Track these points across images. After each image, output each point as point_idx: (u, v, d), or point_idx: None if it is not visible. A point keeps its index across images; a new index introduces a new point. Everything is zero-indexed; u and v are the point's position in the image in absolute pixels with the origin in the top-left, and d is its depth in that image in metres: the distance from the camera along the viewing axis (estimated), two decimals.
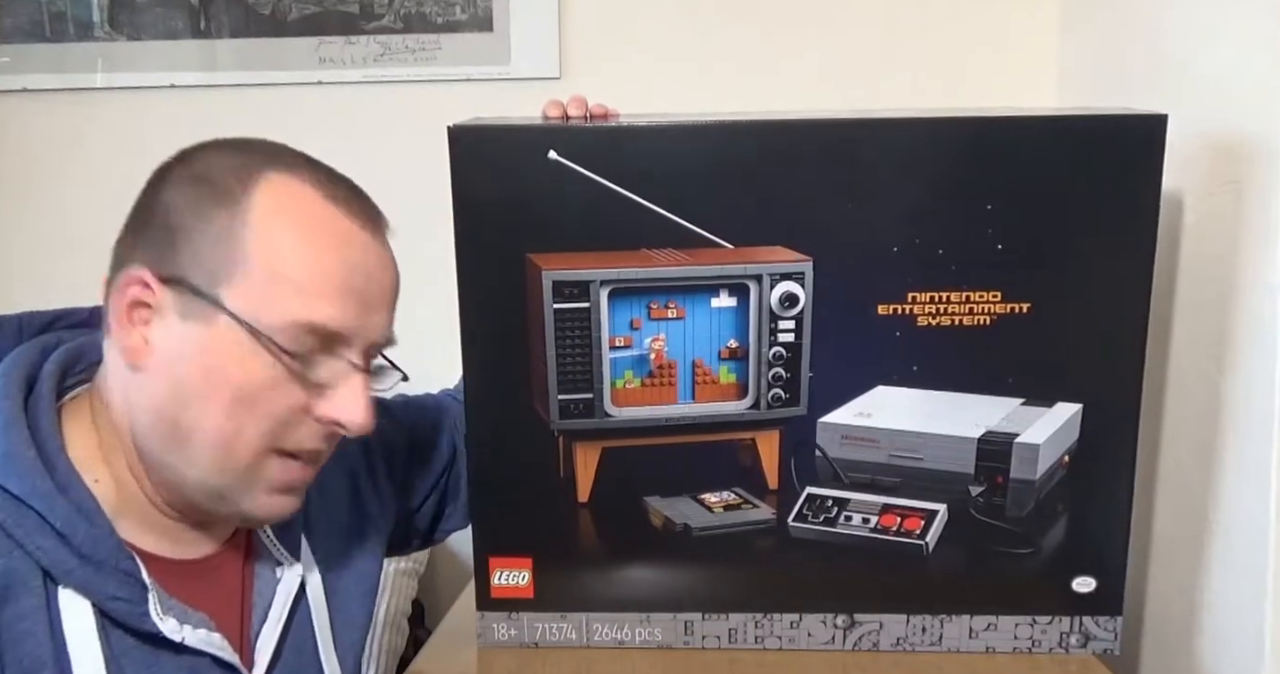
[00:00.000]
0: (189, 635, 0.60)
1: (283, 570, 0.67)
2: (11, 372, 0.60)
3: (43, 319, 0.67)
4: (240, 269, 0.58)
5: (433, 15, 1.18)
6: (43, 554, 0.56)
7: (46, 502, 0.56)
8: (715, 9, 1.18)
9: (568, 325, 0.75)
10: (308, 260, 0.59)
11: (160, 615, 0.59)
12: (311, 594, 0.69)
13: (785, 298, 0.75)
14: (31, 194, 1.24)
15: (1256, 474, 0.75)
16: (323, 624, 0.69)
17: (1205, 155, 0.82)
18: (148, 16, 1.20)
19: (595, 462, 0.78)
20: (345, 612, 0.71)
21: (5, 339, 0.65)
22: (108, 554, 0.57)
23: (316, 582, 0.69)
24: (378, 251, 0.62)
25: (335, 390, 0.60)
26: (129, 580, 0.58)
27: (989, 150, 0.73)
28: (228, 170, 0.59)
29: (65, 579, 0.57)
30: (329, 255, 0.59)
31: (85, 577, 0.57)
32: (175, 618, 0.59)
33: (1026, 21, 1.17)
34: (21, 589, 0.56)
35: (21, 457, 0.57)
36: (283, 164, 0.60)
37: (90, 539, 0.57)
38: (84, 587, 0.57)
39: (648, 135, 0.74)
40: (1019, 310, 0.74)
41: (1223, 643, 0.80)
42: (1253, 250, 0.76)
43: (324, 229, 0.60)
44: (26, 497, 0.56)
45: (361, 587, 0.73)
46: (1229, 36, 0.80)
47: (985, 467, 0.77)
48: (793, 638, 0.80)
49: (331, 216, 0.60)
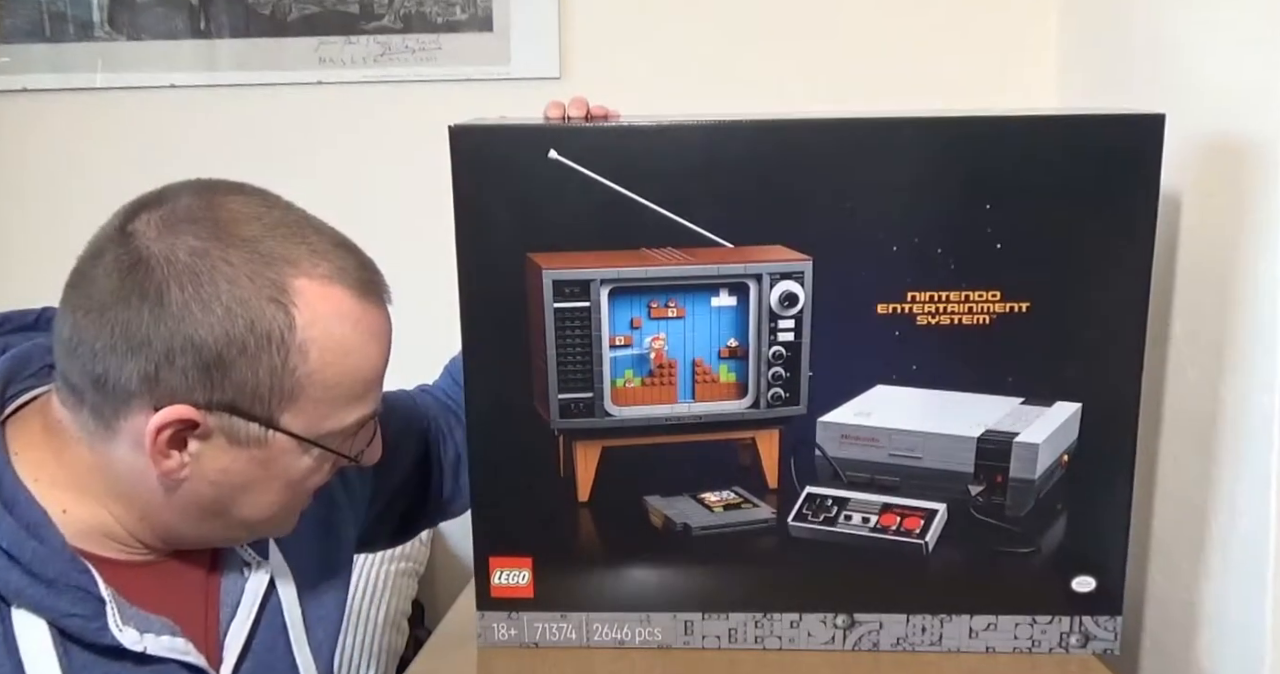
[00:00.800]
0: (151, 644, 0.59)
1: (250, 570, 0.67)
2: None
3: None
4: (300, 393, 0.58)
5: (433, 15, 1.18)
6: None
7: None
8: (715, 9, 1.18)
9: (568, 324, 0.75)
10: (360, 370, 0.60)
11: (120, 627, 0.58)
12: (282, 592, 0.68)
13: (785, 297, 0.75)
14: (31, 194, 1.24)
15: (1256, 473, 0.75)
16: (294, 620, 0.69)
17: (1205, 155, 0.82)
18: (148, 16, 1.20)
19: (595, 461, 0.78)
20: (318, 607, 0.71)
21: None
22: (59, 571, 0.56)
23: (287, 579, 0.69)
24: (389, 321, 0.63)
25: (358, 439, 0.64)
26: (84, 596, 0.57)
27: (988, 150, 0.73)
28: (254, 289, 0.56)
29: (16, 600, 0.55)
30: (375, 356, 0.61)
31: (37, 596, 0.56)
32: (136, 627, 0.58)
33: (1026, 21, 1.17)
34: None
35: None
36: (304, 266, 0.57)
37: (39, 557, 0.56)
38: (36, 605, 0.56)
39: (648, 135, 0.74)
40: (1018, 310, 0.74)
41: (1223, 643, 0.80)
42: (1252, 249, 0.76)
43: (365, 332, 0.60)
44: None
45: (333, 584, 0.73)
46: (1228, 37, 0.81)
47: (984, 466, 0.77)
48: (793, 638, 0.80)
49: (369, 316, 0.60)
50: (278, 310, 0.56)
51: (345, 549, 0.76)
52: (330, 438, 0.61)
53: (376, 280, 0.62)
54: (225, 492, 0.60)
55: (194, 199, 0.58)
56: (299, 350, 0.57)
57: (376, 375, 0.62)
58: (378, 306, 0.61)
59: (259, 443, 0.58)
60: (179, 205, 0.57)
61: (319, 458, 0.61)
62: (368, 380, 0.61)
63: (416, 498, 0.84)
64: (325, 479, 0.64)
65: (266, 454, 0.59)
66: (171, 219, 0.57)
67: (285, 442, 0.59)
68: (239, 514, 0.61)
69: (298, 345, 0.57)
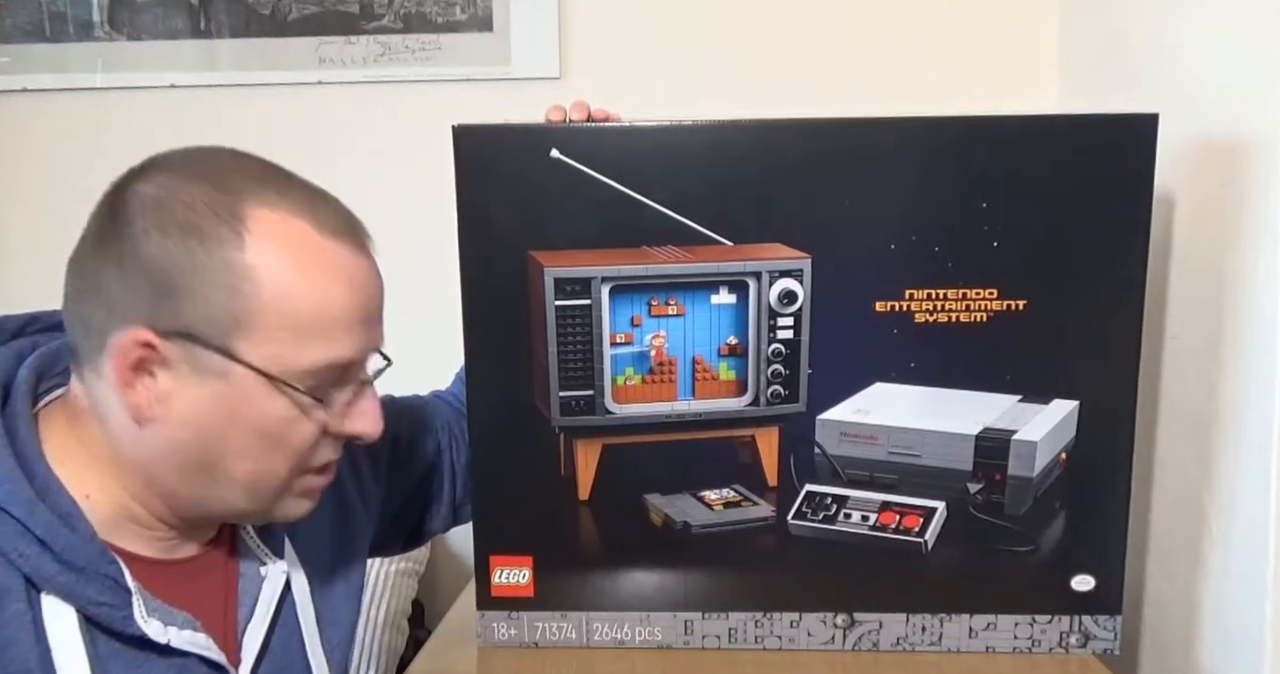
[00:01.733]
0: (174, 637, 0.60)
1: (267, 569, 0.67)
2: None
3: (15, 323, 0.66)
4: (253, 321, 0.57)
5: (433, 15, 1.19)
6: (24, 562, 0.56)
7: (26, 509, 0.56)
8: (715, 9, 1.19)
9: (569, 322, 0.75)
10: (321, 304, 0.58)
11: (145, 618, 0.58)
12: (297, 592, 0.69)
13: (784, 295, 0.75)
14: (31, 194, 1.24)
15: (1256, 472, 0.75)
16: (309, 621, 0.69)
17: (1203, 155, 0.82)
18: (148, 16, 1.20)
19: (596, 459, 0.78)
20: (331, 609, 0.71)
21: None
22: (89, 560, 0.57)
23: (301, 579, 0.69)
24: (370, 268, 0.62)
25: (351, 407, 0.62)
26: (112, 585, 0.58)
27: (984, 150, 0.74)
28: (210, 213, 0.57)
29: (47, 586, 0.56)
30: (339, 293, 0.59)
31: (67, 583, 0.56)
32: (160, 620, 0.59)
33: (1026, 21, 1.17)
34: (4, 597, 0.55)
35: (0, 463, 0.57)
36: (266, 198, 0.58)
37: (71, 546, 0.57)
38: (67, 593, 0.57)
39: (648, 135, 0.74)
40: (1015, 308, 0.75)
41: (1223, 643, 0.80)
42: (1247, 248, 0.76)
43: (327, 266, 0.59)
44: (6, 504, 0.56)
45: (347, 585, 0.73)
46: (1227, 37, 0.81)
47: (983, 463, 0.77)
48: (793, 637, 0.80)
49: (331, 250, 0.59)
50: (230, 233, 0.56)
51: (359, 553, 0.76)
52: (297, 378, 0.58)
53: (351, 223, 0.61)
54: (199, 437, 0.59)
55: (178, 152, 0.61)
56: (247, 273, 0.57)
57: (346, 317, 0.59)
58: (348, 246, 0.60)
59: (220, 375, 0.57)
60: (162, 158, 0.60)
61: (294, 406, 0.59)
62: (333, 319, 0.59)
63: (430, 502, 0.84)
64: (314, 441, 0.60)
65: (230, 390, 0.58)
66: (150, 168, 0.59)
67: (246, 376, 0.57)
68: (228, 471, 0.59)
69: (246, 267, 0.56)
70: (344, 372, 0.60)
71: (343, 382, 0.61)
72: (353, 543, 0.75)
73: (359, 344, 0.60)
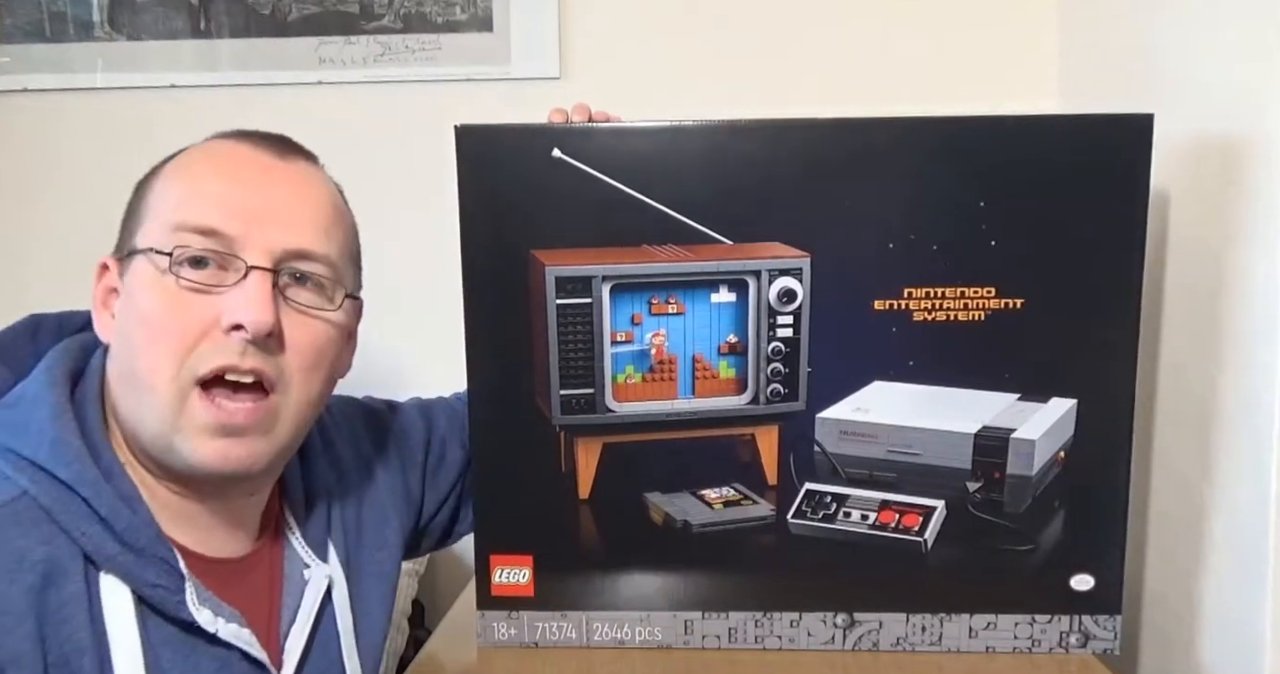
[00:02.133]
0: (222, 628, 0.61)
1: (310, 572, 0.68)
2: (56, 365, 0.62)
3: (83, 318, 0.68)
4: (143, 218, 0.61)
5: (433, 15, 1.19)
6: (87, 540, 0.57)
7: (93, 488, 0.57)
8: (715, 9, 1.19)
9: (570, 320, 0.76)
10: (190, 181, 0.62)
11: (196, 605, 0.59)
12: (336, 596, 0.69)
13: (783, 293, 0.75)
14: (31, 194, 1.24)
15: (1256, 472, 0.75)
16: (346, 626, 0.69)
17: (1201, 155, 0.82)
18: (148, 16, 1.20)
19: (596, 457, 0.78)
20: (368, 614, 0.72)
21: (45, 337, 0.67)
22: (148, 542, 0.58)
23: (341, 584, 0.70)
24: (281, 170, 0.63)
25: (229, 293, 0.59)
26: (168, 569, 0.59)
27: (982, 150, 0.74)
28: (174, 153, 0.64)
29: (107, 565, 0.57)
30: (214, 169, 0.62)
31: (127, 563, 0.57)
32: (210, 610, 0.60)
33: (1026, 22, 1.17)
34: (64, 576, 0.56)
35: (70, 444, 0.58)
36: (219, 134, 0.64)
37: (132, 526, 0.58)
38: (125, 573, 0.58)
39: (649, 135, 0.75)
40: (1013, 306, 0.75)
41: (1223, 643, 0.80)
42: (1248, 248, 0.77)
43: (217, 156, 0.63)
44: (74, 483, 0.57)
45: (382, 589, 0.74)
46: (1226, 37, 0.81)
47: (982, 462, 0.77)
48: (793, 637, 0.80)
49: (228, 147, 0.63)
50: (168, 161, 0.64)
51: (395, 557, 0.76)
52: (158, 242, 0.60)
53: (276, 140, 0.65)
54: (122, 341, 0.61)
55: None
56: (156, 177, 0.62)
57: (215, 191, 0.60)
58: (248, 146, 0.63)
59: (128, 270, 0.61)
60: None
61: (164, 283, 0.59)
62: (198, 192, 0.61)
63: (463, 504, 0.84)
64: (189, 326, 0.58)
65: (130, 281, 0.61)
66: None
67: (137, 261, 0.61)
68: (134, 378, 0.59)
69: (158, 177, 0.62)
70: (213, 243, 0.59)
71: (219, 263, 0.59)
72: (389, 547, 0.76)
73: (228, 218, 0.60)
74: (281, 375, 0.61)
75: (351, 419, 0.79)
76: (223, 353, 0.59)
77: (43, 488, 0.57)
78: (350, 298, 0.66)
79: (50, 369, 0.61)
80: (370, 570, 0.73)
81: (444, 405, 0.87)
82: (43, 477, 0.57)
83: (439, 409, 0.86)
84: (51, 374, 0.61)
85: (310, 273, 0.62)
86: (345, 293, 0.65)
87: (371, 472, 0.77)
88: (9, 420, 0.60)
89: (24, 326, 0.67)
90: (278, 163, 0.63)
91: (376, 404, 0.85)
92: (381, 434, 0.81)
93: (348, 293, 0.65)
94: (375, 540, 0.75)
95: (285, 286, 0.61)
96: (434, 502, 0.83)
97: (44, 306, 0.71)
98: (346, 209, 0.68)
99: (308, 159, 0.66)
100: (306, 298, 0.62)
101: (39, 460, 0.58)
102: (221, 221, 0.59)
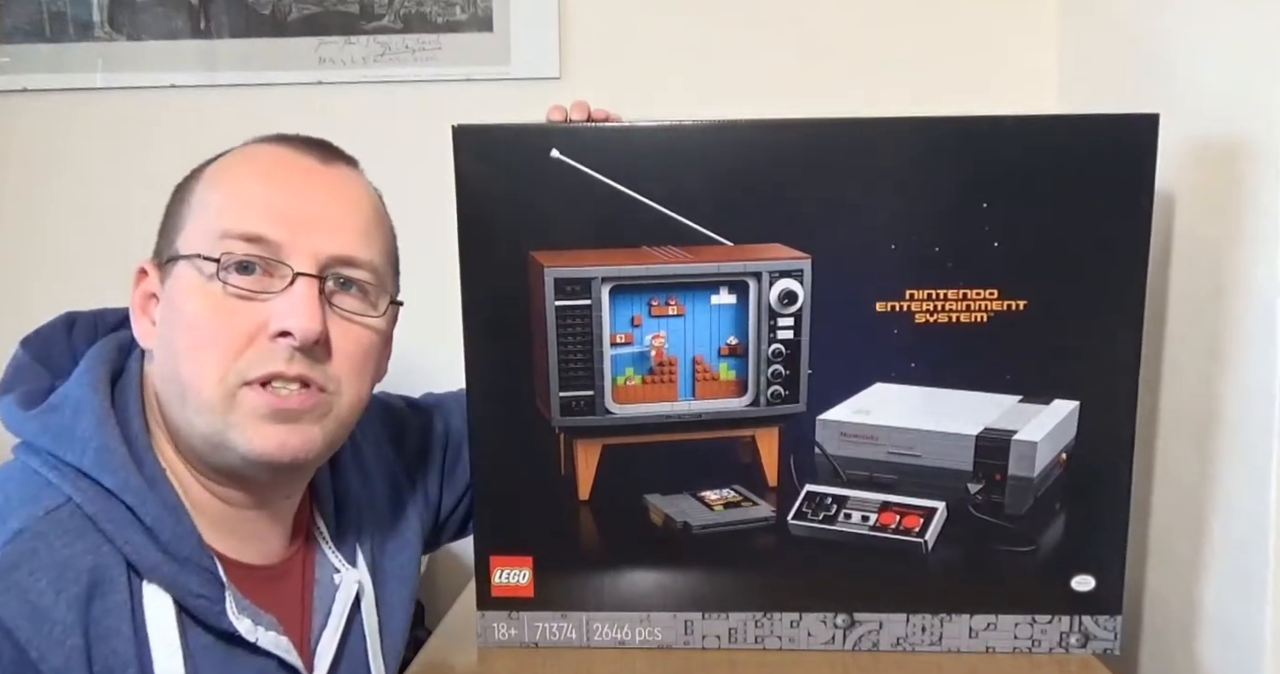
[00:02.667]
0: (262, 637, 0.60)
1: (340, 577, 0.68)
2: (97, 367, 0.61)
3: (116, 316, 0.68)
4: (186, 221, 0.61)
5: (433, 15, 1.19)
6: (131, 549, 0.56)
7: (138, 497, 0.57)
8: (715, 9, 1.19)
9: (569, 322, 0.75)
10: (233, 183, 0.61)
11: (237, 615, 0.59)
12: (364, 600, 0.70)
13: (784, 295, 0.75)
14: (32, 194, 1.24)
15: (1256, 472, 0.75)
16: (372, 630, 0.70)
17: (1203, 155, 0.82)
18: (148, 16, 1.20)
19: (596, 459, 0.78)
20: (392, 617, 0.72)
21: (81, 336, 0.66)
22: (191, 551, 0.58)
23: (369, 587, 0.70)
24: (323, 175, 0.63)
25: (277, 301, 0.60)
26: (210, 578, 0.59)
27: (985, 150, 0.73)
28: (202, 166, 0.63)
29: (151, 574, 0.57)
30: (257, 174, 0.61)
31: (170, 572, 0.57)
32: (250, 619, 0.60)
33: (1026, 21, 1.17)
34: (109, 586, 0.56)
35: (115, 452, 0.57)
36: (259, 139, 0.63)
37: (176, 536, 0.58)
38: (168, 582, 0.57)
39: (649, 135, 0.74)
40: (1015, 308, 0.75)
41: (1223, 643, 0.80)
42: (1250, 248, 0.76)
43: (259, 160, 0.62)
44: (119, 491, 0.57)
45: (404, 592, 0.74)
46: (1227, 37, 0.81)
47: (983, 463, 0.77)
48: (793, 637, 0.80)
49: (270, 151, 0.62)
50: (206, 165, 0.63)
51: (415, 558, 0.77)
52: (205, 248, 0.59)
53: (316, 144, 0.64)
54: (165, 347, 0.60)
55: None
56: (196, 181, 0.62)
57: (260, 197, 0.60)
58: (291, 151, 0.62)
59: (171, 275, 0.61)
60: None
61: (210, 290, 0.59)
62: (244, 196, 0.60)
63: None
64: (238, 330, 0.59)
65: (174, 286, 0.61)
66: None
67: (180, 267, 0.60)
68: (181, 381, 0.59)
69: (198, 181, 0.62)
70: (260, 250, 0.59)
71: (266, 269, 0.59)
72: (410, 548, 0.76)
73: (274, 225, 0.59)
74: (327, 381, 0.61)
75: (372, 419, 0.79)
76: (270, 360, 0.59)
77: (87, 496, 0.56)
78: (392, 303, 0.66)
79: (92, 370, 0.61)
80: (394, 573, 0.74)
81: (458, 401, 0.86)
82: (87, 484, 0.57)
83: (454, 405, 0.85)
84: (94, 376, 0.60)
85: (355, 279, 0.63)
86: (389, 298, 0.65)
87: (393, 473, 0.77)
88: (52, 425, 0.58)
89: (59, 324, 0.66)
90: (320, 167, 0.62)
91: (394, 401, 0.85)
92: (401, 433, 0.81)
93: (390, 298, 0.65)
94: (398, 542, 0.75)
95: (331, 293, 0.62)
96: (452, 498, 0.83)
97: (45, 307, 0.71)
98: (386, 214, 0.68)
99: (349, 163, 0.66)
100: (351, 304, 0.63)
101: (84, 467, 0.57)
102: (267, 228, 0.59)
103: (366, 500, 0.73)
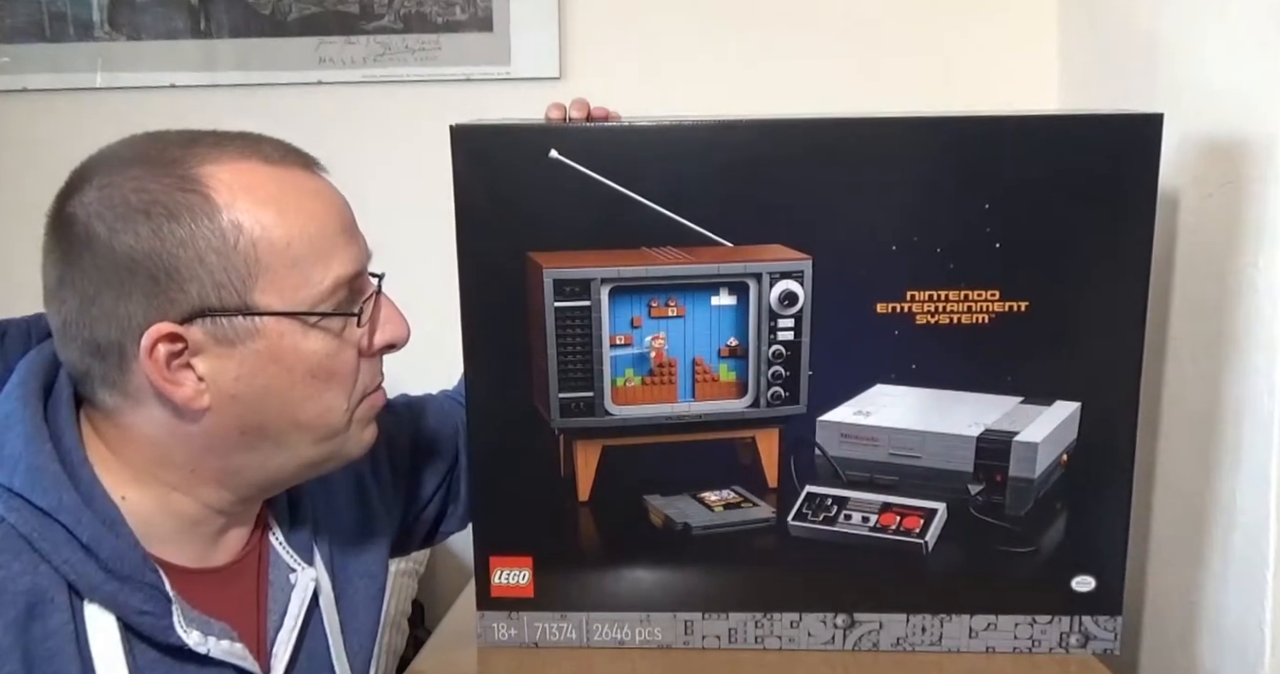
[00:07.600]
0: (213, 647, 0.59)
1: (296, 575, 0.67)
2: (29, 380, 0.59)
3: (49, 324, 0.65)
4: (257, 271, 0.56)
5: (433, 15, 1.19)
6: (69, 569, 0.55)
7: (73, 515, 0.55)
8: (715, 9, 1.19)
9: (568, 323, 0.75)
10: (305, 228, 0.58)
11: (184, 628, 0.58)
12: (323, 598, 0.68)
13: (784, 296, 0.75)
14: (32, 194, 1.24)
15: (1256, 472, 0.75)
16: (334, 628, 0.69)
17: (1204, 155, 0.82)
18: (148, 16, 1.20)
19: (595, 460, 0.78)
20: (355, 616, 0.71)
21: (14, 344, 0.64)
22: (133, 568, 0.56)
23: (327, 586, 0.69)
24: (328, 184, 0.62)
25: (374, 320, 0.62)
26: (154, 594, 0.57)
27: (986, 150, 0.73)
28: (165, 189, 0.56)
29: (92, 594, 0.56)
30: (314, 210, 0.59)
31: (112, 591, 0.56)
32: (199, 630, 0.59)
33: (1026, 21, 1.17)
34: (49, 606, 0.55)
35: (47, 469, 0.56)
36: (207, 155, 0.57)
37: (116, 553, 0.56)
38: (110, 601, 0.56)
39: (648, 135, 0.74)
40: (1017, 309, 0.75)
41: (1223, 643, 0.80)
42: (1250, 248, 0.76)
43: (293, 191, 0.59)
44: (54, 511, 0.55)
45: (370, 589, 0.73)
46: (1227, 36, 0.81)
47: (984, 465, 0.77)
48: (793, 638, 0.80)
49: (289, 176, 0.59)
50: (198, 199, 0.55)
51: (382, 558, 0.76)
52: (319, 305, 0.58)
53: (292, 149, 0.61)
54: (255, 403, 0.58)
55: (90, 158, 0.60)
56: (233, 227, 0.56)
57: (330, 232, 0.59)
58: (300, 168, 0.60)
59: (251, 334, 0.57)
60: (78, 170, 0.59)
61: (327, 333, 0.59)
62: (325, 237, 0.59)
63: (449, 502, 0.84)
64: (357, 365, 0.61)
65: (267, 344, 0.57)
66: (76, 180, 0.59)
67: (275, 324, 0.57)
68: (293, 424, 0.59)
69: (229, 223, 0.56)
70: (352, 285, 0.60)
71: (357, 297, 0.61)
72: (375, 547, 0.75)
73: (353, 254, 0.60)
74: None
75: None
76: (378, 369, 0.63)
77: (21, 515, 0.55)
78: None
79: (23, 384, 0.59)
80: (357, 570, 0.72)
81: (434, 403, 0.86)
82: (20, 503, 0.55)
83: (428, 407, 0.85)
84: (25, 389, 0.58)
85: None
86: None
87: (355, 471, 0.76)
88: None
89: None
90: (320, 176, 0.62)
91: None
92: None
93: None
94: (361, 540, 0.74)
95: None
96: (420, 500, 0.82)
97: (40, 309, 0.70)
98: None
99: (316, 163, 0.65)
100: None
101: (15, 487, 0.55)
102: (355, 260, 0.60)
103: (323, 497, 0.72)
